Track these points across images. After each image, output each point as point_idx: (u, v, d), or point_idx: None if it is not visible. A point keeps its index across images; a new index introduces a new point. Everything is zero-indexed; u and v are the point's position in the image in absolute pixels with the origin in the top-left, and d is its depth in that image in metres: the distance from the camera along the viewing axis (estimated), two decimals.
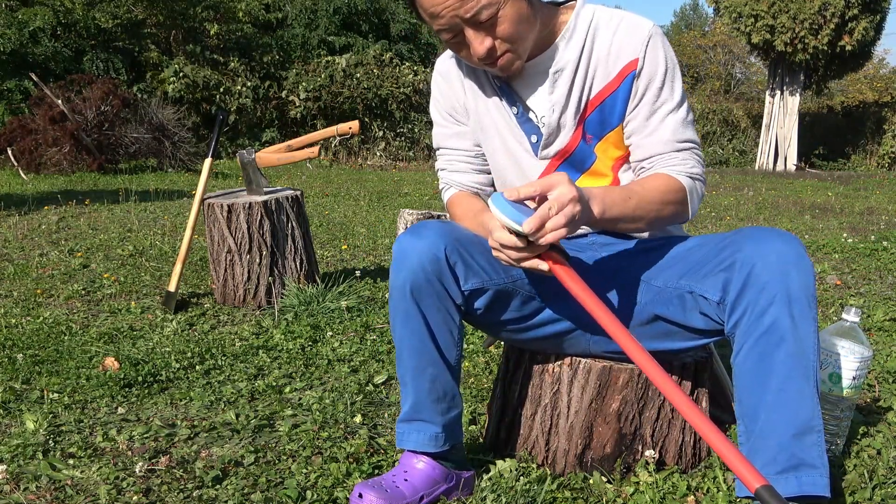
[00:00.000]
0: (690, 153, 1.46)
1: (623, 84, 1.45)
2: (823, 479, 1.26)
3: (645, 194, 1.38)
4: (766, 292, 1.26)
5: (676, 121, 1.45)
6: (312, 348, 2.59)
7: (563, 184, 1.21)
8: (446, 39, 1.39)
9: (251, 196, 3.20)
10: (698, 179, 1.46)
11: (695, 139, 1.48)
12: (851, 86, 21.20)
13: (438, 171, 1.68)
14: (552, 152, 1.52)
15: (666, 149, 1.45)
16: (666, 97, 1.45)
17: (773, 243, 1.28)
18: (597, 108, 1.47)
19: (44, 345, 2.60)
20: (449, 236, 1.39)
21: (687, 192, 1.43)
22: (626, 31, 1.44)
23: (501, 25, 1.34)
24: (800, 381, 1.26)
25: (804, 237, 5.32)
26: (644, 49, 1.43)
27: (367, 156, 13.49)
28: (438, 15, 1.33)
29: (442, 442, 1.49)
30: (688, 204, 1.44)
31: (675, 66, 1.46)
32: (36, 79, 9.58)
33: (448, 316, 1.42)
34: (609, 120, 1.48)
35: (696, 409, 1.16)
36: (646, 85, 1.44)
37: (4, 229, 5.01)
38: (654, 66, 1.43)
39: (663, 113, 1.45)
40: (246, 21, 14.65)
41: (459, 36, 1.37)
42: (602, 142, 1.50)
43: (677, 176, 1.43)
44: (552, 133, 1.50)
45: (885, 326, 2.89)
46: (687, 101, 1.48)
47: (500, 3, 1.32)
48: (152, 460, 1.69)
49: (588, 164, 1.52)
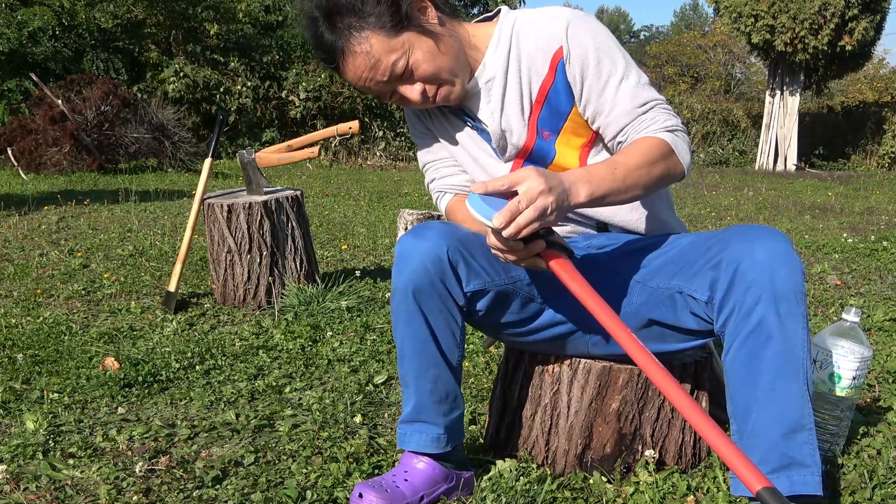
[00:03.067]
0: (656, 110, 1.43)
1: (557, 74, 1.45)
2: (815, 477, 1.25)
3: (629, 161, 1.34)
4: (753, 290, 1.25)
5: (629, 87, 1.42)
6: (312, 348, 2.59)
7: (530, 177, 1.20)
8: (387, 101, 1.47)
9: (251, 196, 3.20)
10: (677, 130, 1.41)
11: (655, 97, 1.44)
12: (851, 86, 21.19)
13: (429, 186, 1.68)
14: (512, 154, 1.53)
15: (630, 117, 1.42)
16: (608, 70, 1.42)
17: (760, 241, 1.27)
18: (543, 105, 1.48)
19: (44, 345, 2.60)
20: (451, 237, 1.39)
21: (671, 145, 1.38)
22: (545, 24, 1.45)
23: (418, 70, 1.40)
24: (789, 379, 1.26)
25: (804, 237, 5.32)
26: (565, 35, 1.42)
27: (367, 156, 13.49)
28: (364, 86, 1.42)
29: (444, 443, 1.49)
30: (676, 156, 1.39)
31: (605, 38, 1.43)
32: (36, 79, 9.58)
33: (450, 317, 1.42)
34: (558, 112, 1.48)
35: (696, 408, 1.16)
36: (581, 67, 1.43)
37: (4, 229, 5.01)
38: (581, 47, 1.42)
39: (613, 85, 1.43)
40: (246, 22, 14.65)
41: (395, 94, 1.44)
42: (560, 135, 1.50)
43: (655, 134, 1.39)
44: (500, 138, 1.51)
45: (885, 326, 2.89)
46: (635, 67, 1.45)
47: (405, 52, 1.38)
48: (152, 460, 1.69)
49: (549, 159, 1.53)
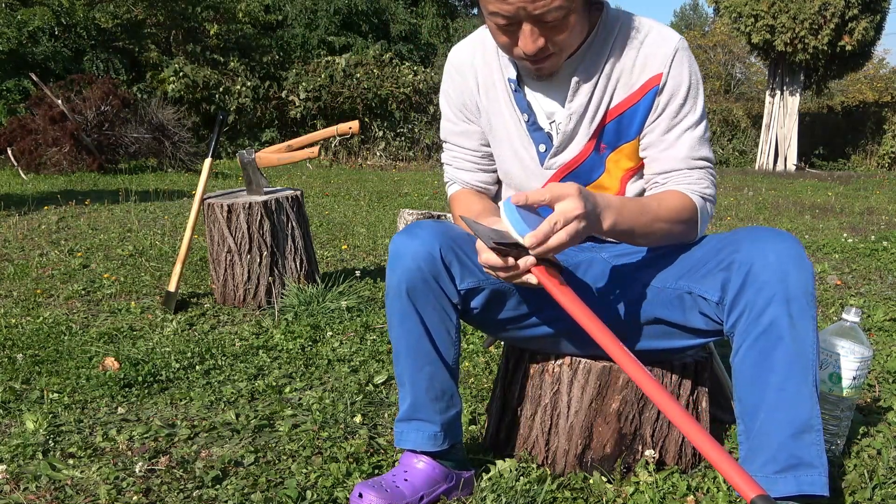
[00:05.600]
0: (705, 172, 1.44)
1: (645, 98, 1.42)
2: (822, 478, 1.26)
3: (659, 212, 1.36)
4: (765, 291, 1.26)
5: (694, 138, 1.43)
6: (312, 348, 2.59)
7: (572, 196, 1.18)
8: (499, 24, 1.30)
9: (251, 196, 3.20)
10: (709, 200, 1.44)
11: (710, 157, 1.46)
12: (851, 86, 21.21)
13: (444, 164, 1.66)
14: (559, 163, 1.49)
15: (681, 165, 1.43)
16: (686, 113, 1.42)
17: (772, 243, 1.28)
18: (615, 119, 1.45)
19: (44, 345, 2.60)
20: (444, 236, 1.39)
21: (698, 212, 1.42)
22: (652, 43, 1.41)
23: (561, 32, 1.30)
24: (798, 380, 1.26)
25: (804, 237, 5.32)
26: (669, 65, 1.40)
27: (367, 156, 13.49)
28: (507, 1, 1.25)
29: (441, 441, 1.49)
30: (697, 224, 1.43)
31: (698, 82, 1.43)
32: (36, 79, 9.58)
33: (445, 315, 1.42)
34: (626, 132, 1.46)
35: (688, 417, 1.15)
36: (667, 100, 1.42)
37: (4, 229, 5.01)
38: (678, 82, 1.41)
39: (682, 129, 1.42)
40: (246, 21, 14.65)
41: (514, 27, 1.29)
42: (615, 152, 1.48)
43: (691, 195, 1.41)
44: (563, 142, 1.47)
45: (885, 326, 2.89)
46: (706, 119, 1.46)
47: (569, 9, 1.27)
48: (152, 460, 1.69)
49: (595, 176, 1.50)
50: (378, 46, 15.58)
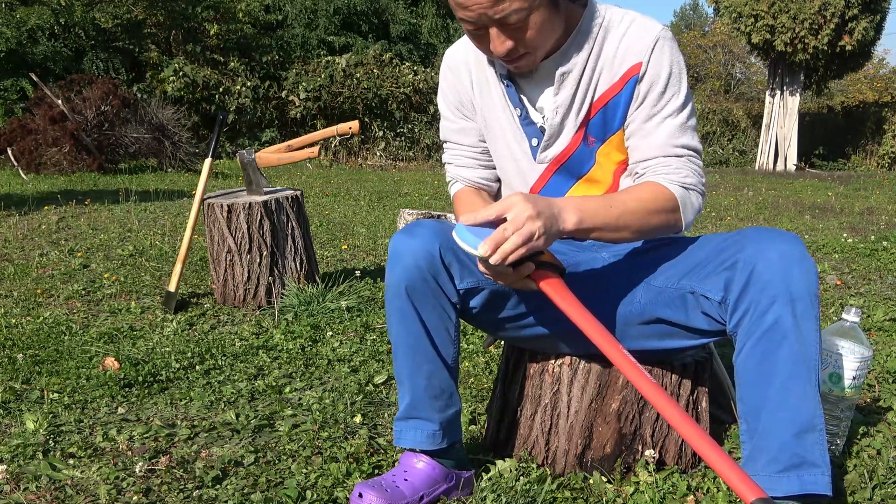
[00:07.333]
0: (686, 160, 1.42)
1: (626, 87, 1.43)
2: (825, 477, 1.26)
3: (630, 203, 1.34)
4: (768, 291, 1.26)
5: (674, 125, 1.42)
6: (312, 348, 2.59)
7: (518, 203, 1.21)
8: (469, 30, 1.35)
9: (251, 196, 3.20)
10: (693, 189, 1.42)
11: (692, 145, 1.44)
12: (851, 86, 21.20)
13: (445, 164, 1.68)
14: (550, 156, 1.51)
15: (660, 153, 1.42)
16: (667, 101, 1.42)
17: (776, 243, 1.28)
18: (600, 111, 1.46)
19: (44, 345, 2.60)
20: (443, 235, 1.39)
21: (679, 202, 1.39)
22: (634, 33, 1.41)
23: (528, 31, 1.32)
24: (802, 379, 1.26)
25: (804, 237, 5.32)
26: (649, 54, 1.40)
27: (367, 156, 13.49)
28: (467, 7, 1.29)
29: (439, 440, 1.49)
30: (680, 214, 1.40)
31: (680, 70, 1.42)
32: (36, 79, 9.57)
33: (444, 314, 1.42)
34: (611, 123, 1.46)
35: (688, 420, 1.15)
36: (647, 89, 1.41)
37: (4, 229, 5.01)
38: (658, 70, 1.40)
39: (662, 116, 1.42)
40: (246, 21, 14.65)
41: (482, 31, 1.33)
42: (605, 145, 1.48)
43: (668, 185, 1.39)
44: (553, 135, 1.49)
45: (885, 326, 2.89)
46: (691, 107, 1.44)
47: (529, 9, 1.29)
48: (152, 460, 1.69)
49: (585, 168, 1.51)
50: (378, 46, 15.58)
